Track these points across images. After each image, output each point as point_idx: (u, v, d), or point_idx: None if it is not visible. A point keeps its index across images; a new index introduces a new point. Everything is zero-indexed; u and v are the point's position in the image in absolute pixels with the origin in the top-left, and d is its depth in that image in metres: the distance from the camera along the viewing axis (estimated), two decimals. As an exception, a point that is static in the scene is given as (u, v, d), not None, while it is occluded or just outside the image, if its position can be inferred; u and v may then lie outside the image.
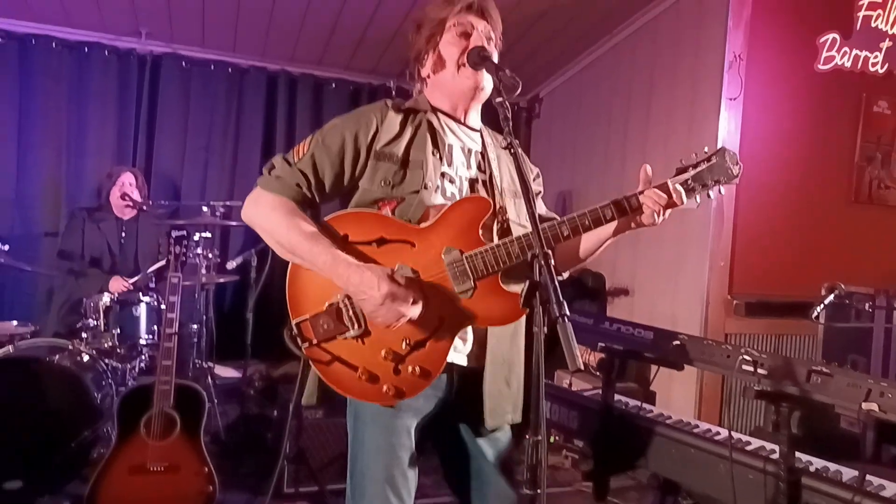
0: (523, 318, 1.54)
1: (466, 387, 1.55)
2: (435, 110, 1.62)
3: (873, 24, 3.79)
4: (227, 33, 4.54)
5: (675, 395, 3.61)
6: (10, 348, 2.98)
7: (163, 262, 3.16)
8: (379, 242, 1.47)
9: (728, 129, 3.51)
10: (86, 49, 4.55)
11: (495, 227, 1.56)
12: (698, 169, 1.49)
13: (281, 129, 5.07)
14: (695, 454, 2.08)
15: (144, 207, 3.86)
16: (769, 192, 3.64)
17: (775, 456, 1.89)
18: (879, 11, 3.79)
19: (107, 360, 3.26)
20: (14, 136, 4.46)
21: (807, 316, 2.50)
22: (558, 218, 1.50)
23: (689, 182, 1.49)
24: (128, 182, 3.83)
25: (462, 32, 1.57)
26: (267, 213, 1.50)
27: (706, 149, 1.51)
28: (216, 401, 3.54)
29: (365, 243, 1.47)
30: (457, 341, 1.51)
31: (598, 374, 2.46)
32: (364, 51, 4.73)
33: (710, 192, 1.51)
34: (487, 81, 1.58)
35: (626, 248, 4.01)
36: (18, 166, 4.48)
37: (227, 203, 4.01)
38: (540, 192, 1.78)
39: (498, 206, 1.57)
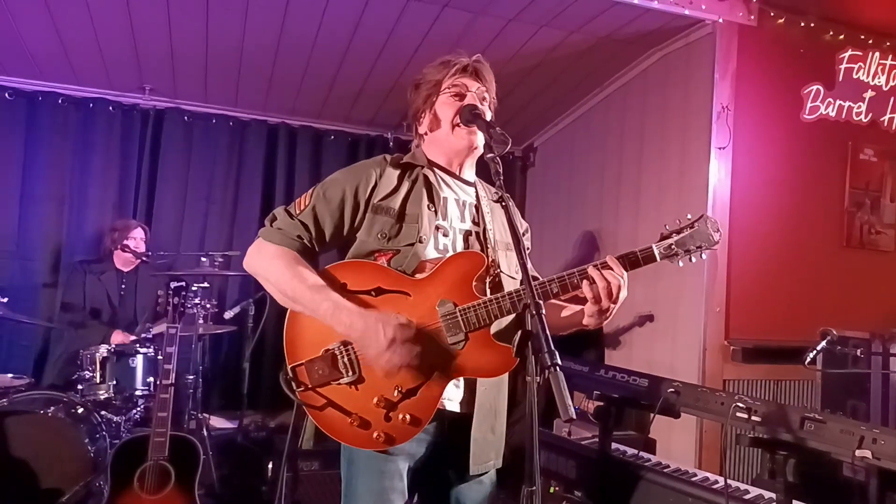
0: None
1: (455, 433, 1.58)
2: (431, 165, 1.69)
3: (855, 76, 3.91)
4: (228, 89, 4.66)
5: (675, 442, 3.56)
6: (5, 401, 2.97)
7: (163, 324, 3.15)
8: (377, 292, 1.53)
9: (718, 178, 3.58)
10: (91, 105, 4.64)
11: (488, 280, 1.61)
12: (681, 235, 1.56)
13: (280, 179, 5.14)
14: (693, 504, 2.06)
15: (145, 258, 3.90)
16: (762, 238, 3.69)
17: (773, 505, 1.87)
18: (860, 64, 3.91)
19: (102, 412, 3.25)
20: (17, 189, 4.52)
21: (802, 361, 2.50)
22: (541, 278, 1.53)
23: (673, 247, 1.55)
24: (139, 237, 3.89)
25: (457, 93, 1.67)
26: (269, 263, 1.55)
27: (689, 215, 1.59)
28: (211, 452, 3.51)
29: (363, 292, 1.53)
30: (449, 389, 1.54)
31: (595, 421, 2.45)
32: (362, 103, 4.85)
33: (692, 257, 1.57)
34: (480, 140, 1.65)
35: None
36: (21, 219, 4.53)
37: (226, 253, 4.04)
38: (528, 248, 1.82)
39: (490, 260, 1.62)
